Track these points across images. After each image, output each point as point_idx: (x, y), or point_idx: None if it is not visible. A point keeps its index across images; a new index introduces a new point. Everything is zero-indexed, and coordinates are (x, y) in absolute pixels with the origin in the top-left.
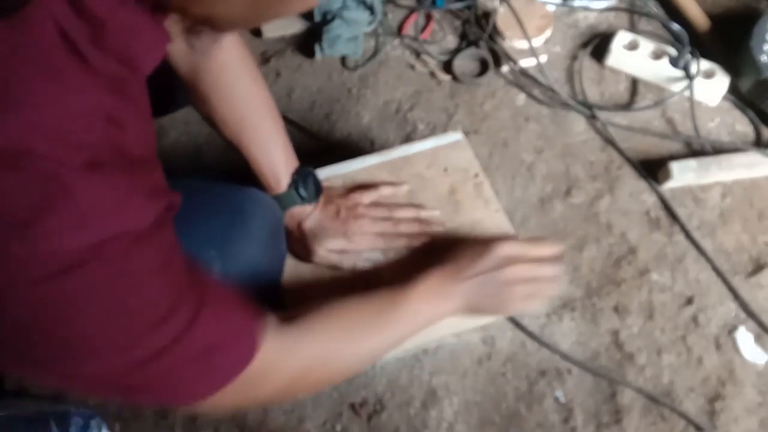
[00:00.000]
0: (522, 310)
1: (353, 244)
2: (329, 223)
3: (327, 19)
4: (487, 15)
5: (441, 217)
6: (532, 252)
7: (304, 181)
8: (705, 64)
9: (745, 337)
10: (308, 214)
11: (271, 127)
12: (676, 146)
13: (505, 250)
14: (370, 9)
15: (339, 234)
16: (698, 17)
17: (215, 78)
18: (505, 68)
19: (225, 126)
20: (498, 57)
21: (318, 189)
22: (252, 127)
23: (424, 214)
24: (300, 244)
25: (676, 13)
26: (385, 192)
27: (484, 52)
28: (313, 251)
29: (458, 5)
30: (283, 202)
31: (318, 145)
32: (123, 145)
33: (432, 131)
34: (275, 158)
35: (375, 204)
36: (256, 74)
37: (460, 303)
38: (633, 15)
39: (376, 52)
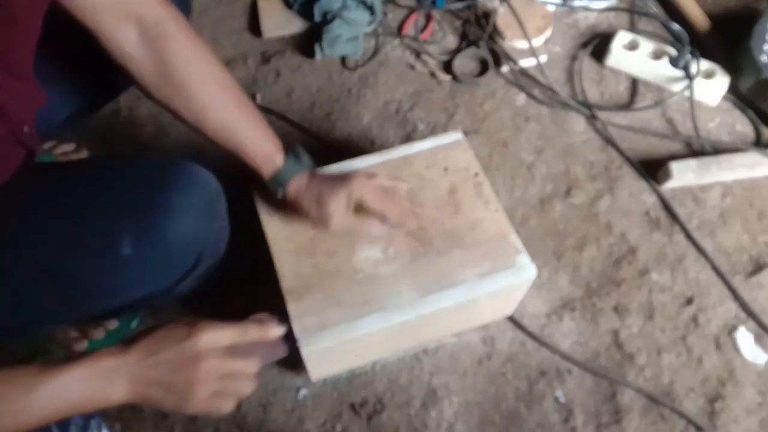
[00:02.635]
0: (205, 411)
1: (355, 191)
2: (331, 181)
3: (327, 19)
4: (487, 15)
5: (411, 188)
6: (243, 338)
7: (297, 152)
8: (705, 64)
9: (745, 337)
10: (312, 178)
11: (246, 111)
12: (676, 146)
13: (205, 340)
14: (370, 9)
15: (343, 188)
16: (698, 17)
17: (173, 79)
18: (505, 68)
19: (204, 125)
20: (498, 57)
21: (311, 159)
22: (226, 113)
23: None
24: (314, 207)
25: (676, 13)
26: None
27: (484, 52)
28: (327, 212)
29: (458, 5)
30: (282, 176)
31: (318, 145)
32: None
33: (432, 131)
34: (261, 138)
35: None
36: (214, 65)
37: (131, 390)
38: (633, 15)
39: (376, 52)
